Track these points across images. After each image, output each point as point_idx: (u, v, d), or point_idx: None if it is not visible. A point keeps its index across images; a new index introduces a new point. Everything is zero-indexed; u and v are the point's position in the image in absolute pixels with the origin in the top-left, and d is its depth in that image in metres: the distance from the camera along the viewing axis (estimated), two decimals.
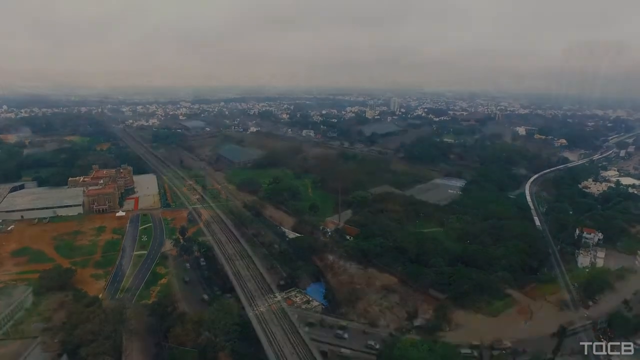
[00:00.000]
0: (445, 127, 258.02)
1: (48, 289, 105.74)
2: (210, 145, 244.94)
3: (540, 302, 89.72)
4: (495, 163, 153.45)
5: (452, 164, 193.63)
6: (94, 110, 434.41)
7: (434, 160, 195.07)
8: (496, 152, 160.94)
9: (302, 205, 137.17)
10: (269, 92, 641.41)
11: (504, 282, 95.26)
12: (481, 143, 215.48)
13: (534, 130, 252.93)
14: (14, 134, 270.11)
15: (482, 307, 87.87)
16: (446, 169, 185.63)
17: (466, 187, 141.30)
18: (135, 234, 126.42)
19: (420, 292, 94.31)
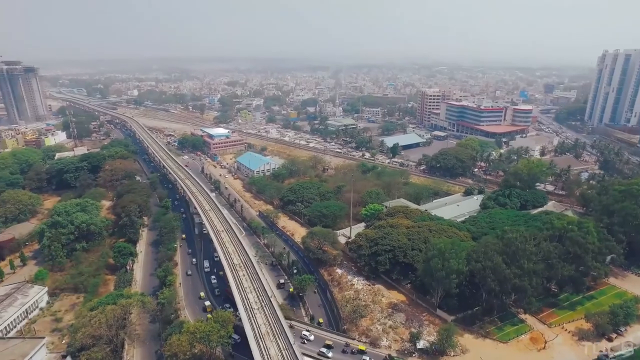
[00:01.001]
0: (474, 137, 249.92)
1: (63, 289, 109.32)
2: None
3: (557, 331, 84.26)
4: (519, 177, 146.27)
5: (477, 178, 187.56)
6: None
7: (456, 173, 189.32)
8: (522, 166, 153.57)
9: (316, 216, 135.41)
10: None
11: (517, 306, 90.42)
12: (508, 156, 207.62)
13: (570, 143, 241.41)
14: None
15: (492, 332, 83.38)
16: (468, 183, 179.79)
17: (486, 203, 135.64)
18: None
19: (429, 312, 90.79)
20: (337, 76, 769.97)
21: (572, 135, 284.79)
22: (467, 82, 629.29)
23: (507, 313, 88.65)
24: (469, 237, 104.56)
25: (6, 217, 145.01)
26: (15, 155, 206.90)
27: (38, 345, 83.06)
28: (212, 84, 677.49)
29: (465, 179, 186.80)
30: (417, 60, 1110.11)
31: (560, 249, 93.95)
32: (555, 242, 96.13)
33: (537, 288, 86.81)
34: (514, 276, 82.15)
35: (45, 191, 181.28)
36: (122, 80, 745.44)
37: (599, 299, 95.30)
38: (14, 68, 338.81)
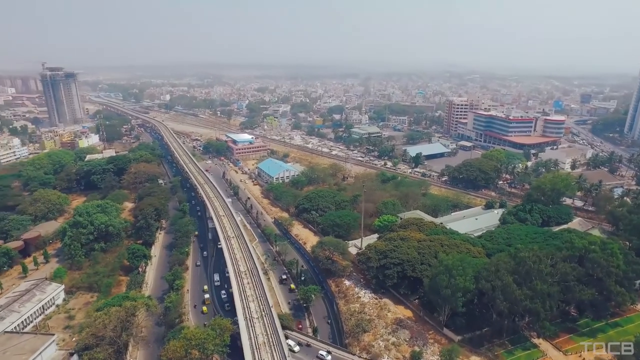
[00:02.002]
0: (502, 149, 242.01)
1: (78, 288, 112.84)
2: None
3: (574, 359, 79.10)
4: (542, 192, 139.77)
5: (501, 191, 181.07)
6: None
7: (479, 185, 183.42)
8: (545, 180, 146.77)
9: (329, 225, 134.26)
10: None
11: (530, 329, 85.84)
12: (536, 168, 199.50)
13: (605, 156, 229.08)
14: None
15: (501, 355, 79.36)
16: (491, 195, 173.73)
17: (505, 218, 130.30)
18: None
19: (435, 330, 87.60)
20: (366, 84, 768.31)
21: (608, 147, 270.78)
22: (499, 91, 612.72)
23: (518, 336, 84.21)
24: (483, 253, 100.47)
25: (36, 216, 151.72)
26: (50, 156, 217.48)
27: (48, 341, 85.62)
28: (242, 89, 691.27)
29: (488, 192, 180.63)
30: (449, 69, 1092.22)
31: (580, 270, 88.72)
32: (575, 263, 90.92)
33: (551, 311, 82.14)
34: (525, 297, 78.00)
35: (74, 191, 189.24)
36: (156, 85, 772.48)
37: (624, 327, 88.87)
38: (57, 74, 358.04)
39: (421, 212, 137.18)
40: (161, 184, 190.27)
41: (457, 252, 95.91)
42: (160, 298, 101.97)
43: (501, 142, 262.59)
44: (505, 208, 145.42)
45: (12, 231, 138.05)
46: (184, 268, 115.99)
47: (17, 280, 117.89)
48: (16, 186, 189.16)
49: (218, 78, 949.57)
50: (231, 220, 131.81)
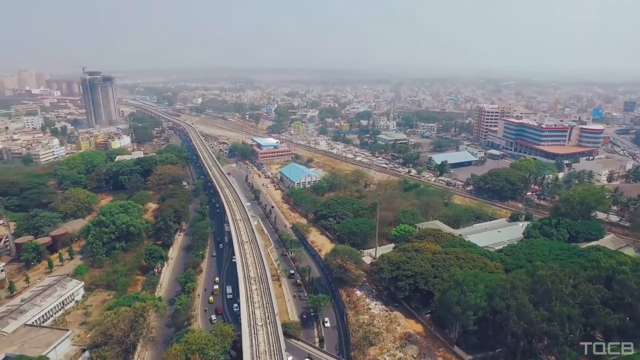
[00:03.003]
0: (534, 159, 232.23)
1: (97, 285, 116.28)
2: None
3: None
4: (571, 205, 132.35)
5: (529, 203, 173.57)
6: None
7: (506, 196, 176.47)
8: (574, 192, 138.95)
9: (345, 233, 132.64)
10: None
11: (549, 352, 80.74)
12: (568, 180, 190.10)
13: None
14: None
15: None
16: (518, 207, 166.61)
17: (529, 232, 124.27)
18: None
19: (445, 348, 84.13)
20: (397, 89, 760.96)
21: None
22: (535, 98, 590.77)
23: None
24: (501, 268, 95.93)
25: (66, 213, 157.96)
26: (83, 156, 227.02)
27: (63, 336, 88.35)
28: (272, 94, 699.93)
29: (515, 203, 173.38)
30: (483, 75, 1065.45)
31: (606, 293, 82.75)
32: (601, 284, 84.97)
33: (572, 335, 76.95)
34: (542, 319, 73.39)
35: (103, 191, 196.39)
36: (190, 88, 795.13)
37: None
38: (95, 77, 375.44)
39: (440, 223, 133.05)
40: (185, 186, 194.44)
41: (473, 266, 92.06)
42: (173, 300, 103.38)
43: (532, 152, 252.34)
44: (531, 221, 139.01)
45: (42, 227, 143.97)
46: (197, 271, 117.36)
47: (43, 275, 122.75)
48: (51, 184, 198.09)
49: (250, 82, 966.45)
50: (247, 224, 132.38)
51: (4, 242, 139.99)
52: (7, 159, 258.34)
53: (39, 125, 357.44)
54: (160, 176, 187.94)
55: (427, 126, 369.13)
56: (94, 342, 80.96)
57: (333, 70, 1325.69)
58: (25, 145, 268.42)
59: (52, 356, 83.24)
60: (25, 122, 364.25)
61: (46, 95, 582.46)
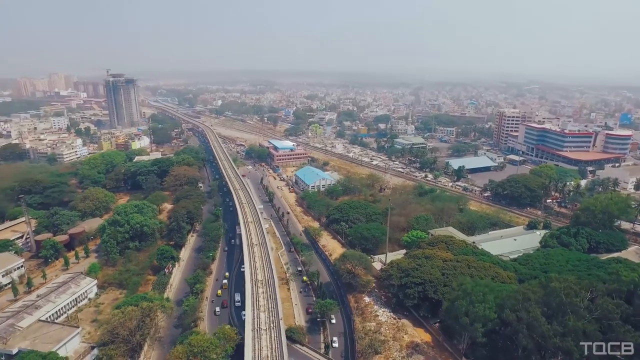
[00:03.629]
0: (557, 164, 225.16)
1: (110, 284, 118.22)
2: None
3: None
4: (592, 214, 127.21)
5: (548, 210, 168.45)
6: None
7: (524, 203, 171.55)
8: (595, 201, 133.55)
9: (357, 238, 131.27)
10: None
11: None
12: (591, 187, 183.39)
13: None
14: None
15: None
16: (537, 215, 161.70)
17: (546, 241, 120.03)
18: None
19: (453, 359, 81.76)
20: (417, 93, 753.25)
21: None
22: (559, 102, 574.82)
23: None
24: (514, 278, 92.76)
25: (84, 212, 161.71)
26: (103, 156, 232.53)
27: (73, 333, 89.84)
28: (292, 97, 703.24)
29: (534, 210, 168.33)
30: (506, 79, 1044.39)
31: (627, 309, 78.76)
32: (621, 299, 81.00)
33: (589, 353, 73.42)
34: (554, 334, 70.42)
35: (121, 190, 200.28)
36: (211, 91, 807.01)
37: None
38: (118, 80, 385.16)
39: (454, 230, 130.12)
40: (200, 187, 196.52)
41: (484, 275, 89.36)
42: (181, 301, 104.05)
43: (554, 157, 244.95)
44: (549, 229, 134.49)
45: (62, 225, 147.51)
46: (207, 272, 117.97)
47: (60, 272, 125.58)
48: (73, 183, 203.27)
49: (271, 85, 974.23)
50: (258, 226, 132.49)
51: (25, 238, 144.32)
52: (34, 158, 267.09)
53: (65, 125, 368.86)
54: (176, 177, 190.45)
55: (445, 130, 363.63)
56: (101, 340, 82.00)
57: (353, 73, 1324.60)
58: (51, 145, 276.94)
59: (62, 352, 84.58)
60: (52, 123, 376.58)
61: (73, 97, 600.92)
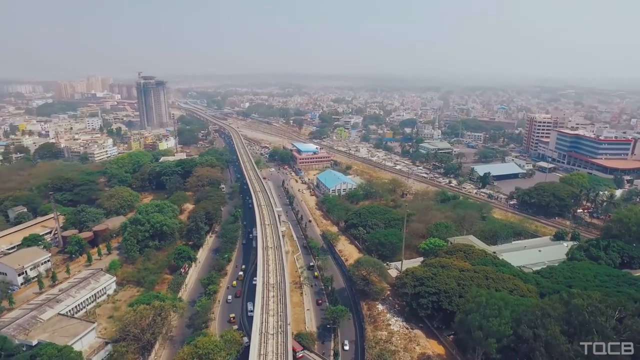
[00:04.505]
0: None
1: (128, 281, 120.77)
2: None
3: None
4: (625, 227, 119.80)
5: (578, 221, 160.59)
6: None
7: (553, 212, 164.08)
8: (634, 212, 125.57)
9: (374, 244, 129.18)
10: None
11: None
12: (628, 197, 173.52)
13: None
14: None
15: None
16: (565, 225, 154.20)
17: (573, 253, 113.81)
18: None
19: None
20: (446, 97, 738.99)
21: None
22: (597, 107, 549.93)
23: None
24: (535, 292, 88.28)
25: (110, 210, 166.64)
26: (131, 156, 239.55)
27: (89, 328, 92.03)
28: (319, 100, 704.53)
29: (563, 220, 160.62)
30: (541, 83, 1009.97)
31: None
32: None
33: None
34: (575, 355, 66.10)
35: (146, 190, 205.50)
36: (239, 93, 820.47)
37: None
38: (149, 82, 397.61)
39: (474, 238, 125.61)
40: (222, 188, 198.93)
41: (502, 287, 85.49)
42: (194, 301, 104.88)
43: (588, 165, 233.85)
44: (578, 241, 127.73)
45: (87, 222, 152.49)
46: (222, 274, 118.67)
47: (83, 267, 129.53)
48: (101, 182, 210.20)
49: (299, 88, 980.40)
50: (275, 229, 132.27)
51: (53, 234, 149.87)
52: (68, 156, 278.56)
53: (98, 126, 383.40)
54: (198, 178, 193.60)
55: (473, 135, 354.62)
56: (114, 336, 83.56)
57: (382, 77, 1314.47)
58: (83, 145, 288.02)
59: (77, 346, 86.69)
60: (87, 123, 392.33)
61: (108, 99, 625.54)
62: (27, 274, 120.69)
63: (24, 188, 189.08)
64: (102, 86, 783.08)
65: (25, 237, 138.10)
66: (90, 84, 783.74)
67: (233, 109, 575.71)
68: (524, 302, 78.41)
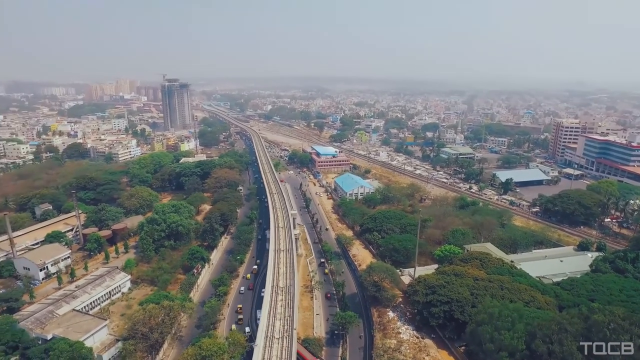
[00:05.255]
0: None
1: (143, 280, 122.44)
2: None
3: None
4: None
5: (606, 231, 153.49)
6: None
7: (578, 221, 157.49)
8: None
9: (388, 249, 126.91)
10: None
11: None
12: None
13: None
14: None
15: None
16: (591, 235, 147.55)
17: (598, 265, 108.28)
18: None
19: None
20: (470, 102, 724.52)
21: None
22: (631, 112, 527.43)
23: None
24: (553, 305, 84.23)
25: (129, 209, 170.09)
26: (152, 157, 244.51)
27: (101, 325, 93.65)
28: (341, 103, 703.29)
29: (589, 230, 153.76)
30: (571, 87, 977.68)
31: None
32: None
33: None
34: None
35: (165, 190, 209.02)
36: (262, 96, 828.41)
37: None
38: (173, 84, 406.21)
39: (491, 246, 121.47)
40: (240, 190, 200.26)
41: (518, 298, 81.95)
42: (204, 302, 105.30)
43: (618, 173, 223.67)
44: (604, 252, 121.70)
45: (107, 221, 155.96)
46: (234, 276, 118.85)
47: (100, 265, 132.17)
48: (124, 182, 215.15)
49: (322, 91, 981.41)
50: (288, 232, 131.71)
51: (74, 231, 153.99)
52: (93, 156, 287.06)
53: (124, 127, 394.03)
54: (216, 179, 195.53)
55: (497, 140, 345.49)
56: (123, 334, 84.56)
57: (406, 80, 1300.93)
58: (108, 145, 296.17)
59: (89, 342, 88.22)
60: (113, 124, 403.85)
61: (135, 100, 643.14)
62: (48, 270, 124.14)
63: (51, 186, 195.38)
64: (130, 88, 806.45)
65: (48, 233, 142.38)
66: (119, 86, 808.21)
67: (255, 111, 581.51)
68: (540, 315, 74.81)
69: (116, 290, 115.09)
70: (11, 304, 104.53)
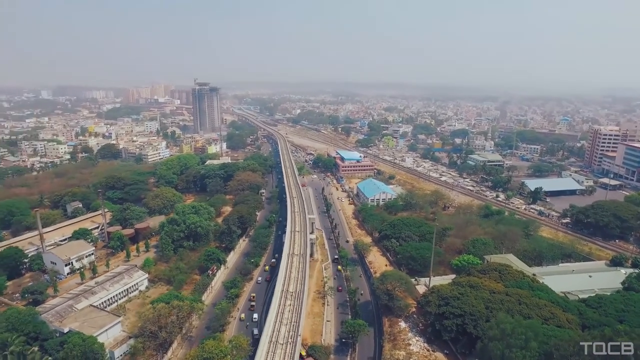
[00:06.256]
0: None
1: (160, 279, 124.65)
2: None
3: None
4: None
5: None
6: None
7: (612, 234, 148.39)
8: None
9: (405, 257, 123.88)
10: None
11: None
12: None
13: None
14: None
15: None
16: (627, 249, 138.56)
17: (630, 282, 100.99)
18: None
19: None
20: (503, 108, 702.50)
21: None
22: None
23: None
24: (576, 324, 78.86)
25: (153, 209, 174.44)
26: (179, 158, 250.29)
27: (115, 321, 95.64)
28: (370, 108, 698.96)
29: (624, 244, 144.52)
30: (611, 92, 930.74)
31: None
32: None
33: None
34: None
35: (190, 191, 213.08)
36: (292, 100, 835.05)
37: None
38: (203, 88, 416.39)
39: (513, 257, 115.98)
40: (262, 193, 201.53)
41: (535, 315, 77.35)
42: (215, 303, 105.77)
43: None
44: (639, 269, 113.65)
45: (131, 220, 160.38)
46: (247, 278, 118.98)
47: (122, 263, 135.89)
48: (151, 182, 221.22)
49: (352, 96, 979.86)
50: (304, 237, 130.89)
51: (100, 229, 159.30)
52: (125, 157, 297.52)
53: (155, 129, 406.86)
54: (239, 182, 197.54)
55: (529, 148, 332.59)
56: (134, 332, 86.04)
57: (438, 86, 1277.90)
58: (139, 146, 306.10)
59: (103, 337, 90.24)
60: (146, 126, 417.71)
61: (168, 104, 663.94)
62: (72, 265, 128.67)
63: (83, 185, 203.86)
64: (165, 92, 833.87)
65: (75, 230, 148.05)
66: (154, 90, 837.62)
67: (284, 115, 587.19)
68: (558, 334, 70.12)
69: (133, 288, 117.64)
70: (36, 297, 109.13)
